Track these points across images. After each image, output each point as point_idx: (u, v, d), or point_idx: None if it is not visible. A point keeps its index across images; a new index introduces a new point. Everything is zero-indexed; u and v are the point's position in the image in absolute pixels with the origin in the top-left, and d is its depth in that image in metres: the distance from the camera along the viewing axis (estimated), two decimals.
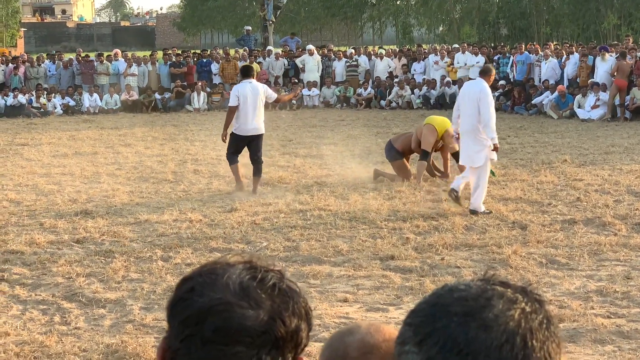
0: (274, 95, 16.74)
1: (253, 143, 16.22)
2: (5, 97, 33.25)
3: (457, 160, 15.36)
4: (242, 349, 1.83)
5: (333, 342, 2.15)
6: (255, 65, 35.15)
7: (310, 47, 37.19)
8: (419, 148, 17.02)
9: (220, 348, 1.83)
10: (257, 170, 16.20)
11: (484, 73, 14.12)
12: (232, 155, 16.24)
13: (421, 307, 1.53)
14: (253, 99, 15.99)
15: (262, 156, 16.41)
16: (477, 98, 13.59)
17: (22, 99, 32.96)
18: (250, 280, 1.89)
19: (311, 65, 35.70)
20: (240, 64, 35.33)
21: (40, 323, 8.94)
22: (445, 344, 1.45)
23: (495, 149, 13.74)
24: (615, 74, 28.39)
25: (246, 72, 16.64)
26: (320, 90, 35.19)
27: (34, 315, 9.18)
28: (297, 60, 36.09)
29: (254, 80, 16.42)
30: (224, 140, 16.55)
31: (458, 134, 14.49)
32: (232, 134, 16.19)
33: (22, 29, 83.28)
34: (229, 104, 16.41)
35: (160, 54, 37.83)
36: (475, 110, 13.60)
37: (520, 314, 1.48)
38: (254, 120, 16.07)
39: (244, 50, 37.58)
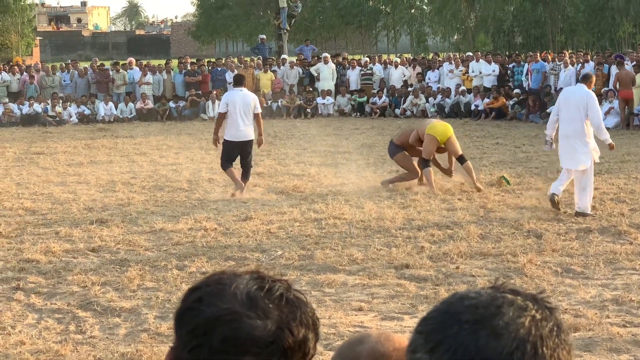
0: (259, 110, 17.00)
1: (244, 149, 16.75)
2: (21, 105, 33.39)
3: (461, 163, 16.61)
4: (251, 359, 1.84)
5: (343, 351, 2.15)
6: (269, 74, 35.34)
7: (325, 55, 37.24)
8: (418, 143, 17.02)
9: (228, 358, 1.84)
10: (245, 173, 16.88)
11: (585, 79, 14.57)
12: (226, 163, 16.81)
13: (432, 315, 1.54)
14: (243, 107, 16.50)
15: (253, 162, 17.26)
16: (585, 103, 13.94)
17: (38, 107, 33.10)
18: (257, 290, 1.90)
19: (326, 73, 35.73)
20: (256, 72, 35.51)
21: (56, 332, 8.95)
22: (456, 351, 1.46)
23: (612, 147, 14.74)
24: (617, 86, 28.35)
25: (238, 81, 17.32)
26: (335, 98, 35.20)
27: (50, 324, 9.20)
28: (312, 69, 36.13)
29: (245, 89, 17.02)
30: (215, 145, 17.31)
31: (551, 140, 14.93)
32: (225, 141, 16.73)
33: (38, 38, 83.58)
34: (218, 111, 17.33)
35: (175, 62, 37.90)
36: (581, 115, 13.96)
37: (531, 322, 1.48)
38: (244, 126, 16.57)
39: (258, 59, 37.62)
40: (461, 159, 16.84)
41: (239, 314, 1.84)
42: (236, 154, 16.80)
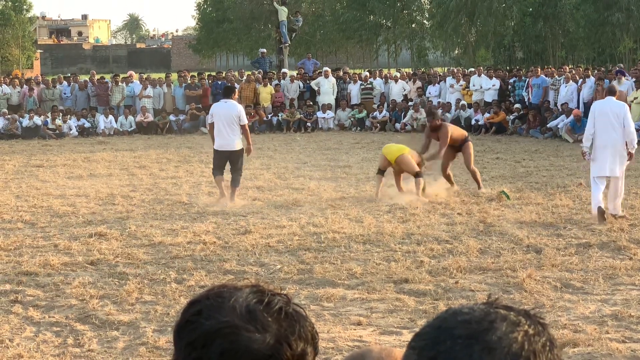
0: (244, 122, 17.38)
1: (232, 158, 17.35)
2: (21, 118, 33.41)
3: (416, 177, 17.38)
4: None
5: None
6: (269, 88, 35.38)
7: (326, 69, 37.30)
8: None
9: None
10: (234, 180, 17.42)
11: (612, 92, 15.50)
12: (215, 170, 17.60)
13: (425, 331, 1.54)
14: (226, 118, 17.09)
15: (243, 170, 17.84)
16: (623, 114, 14.98)
17: (38, 120, 33.11)
18: (257, 304, 1.89)
19: (326, 87, 35.78)
20: (257, 86, 35.56)
21: (54, 345, 8.94)
22: None
23: (632, 157, 15.25)
24: None
25: (226, 92, 17.90)
26: (335, 113, 35.22)
27: (47, 337, 9.18)
28: (312, 83, 36.18)
29: (230, 100, 17.44)
30: None
31: (589, 151, 15.39)
32: (213, 150, 17.56)
33: (39, 51, 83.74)
34: (207, 122, 18.32)
35: (175, 76, 37.94)
36: (618, 125, 14.91)
37: (524, 336, 1.49)
38: (228, 136, 17.16)
39: (258, 73, 37.67)
40: (417, 174, 17.54)
41: (237, 327, 1.84)
42: (224, 162, 17.46)
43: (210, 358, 1.83)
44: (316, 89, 36.00)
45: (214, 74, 39.40)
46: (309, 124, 34.31)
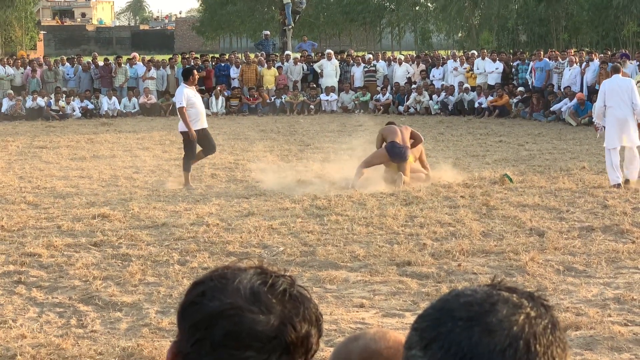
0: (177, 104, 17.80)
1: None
2: (24, 99, 33.42)
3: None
4: (253, 354, 1.83)
5: (339, 348, 2.16)
6: (273, 70, 35.34)
7: (329, 51, 37.24)
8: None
9: (230, 352, 1.83)
10: None
11: (618, 70, 17.01)
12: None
13: (428, 312, 1.54)
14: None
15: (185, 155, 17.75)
16: (630, 90, 16.41)
17: (41, 101, 33.10)
18: (261, 285, 1.90)
19: (329, 70, 35.73)
20: (259, 68, 35.53)
21: (57, 326, 8.96)
22: (450, 348, 1.46)
23: None
24: None
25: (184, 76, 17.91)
26: (339, 95, 35.19)
27: (51, 318, 9.20)
28: (315, 65, 36.14)
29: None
30: None
31: (602, 126, 17.00)
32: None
33: (42, 32, 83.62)
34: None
35: (179, 57, 37.87)
36: (628, 100, 16.36)
37: (525, 319, 1.49)
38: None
39: (261, 55, 37.61)
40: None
41: (241, 308, 1.84)
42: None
43: (214, 339, 1.84)
44: (319, 71, 35.96)
45: (217, 56, 39.35)
46: (312, 107, 34.29)
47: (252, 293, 1.87)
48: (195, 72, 17.98)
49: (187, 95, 17.17)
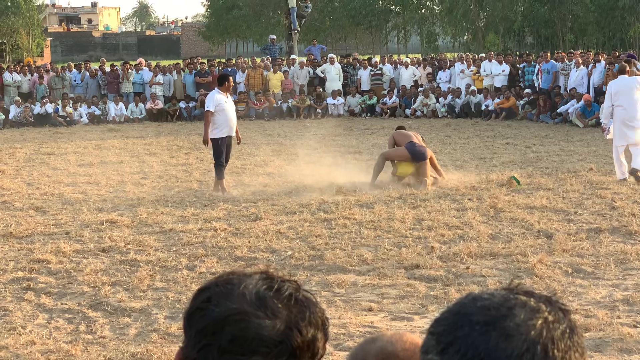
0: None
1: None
2: (32, 105, 33.50)
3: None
4: (259, 359, 1.84)
5: (356, 350, 2.16)
6: (279, 75, 35.36)
7: (331, 56, 37.23)
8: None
9: (237, 358, 1.84)
10: None
11: (623, 71, 17.55)
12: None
13: (444, 316, 1.54)
14: None
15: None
16: (637, 88, 16.98)
17: (49, 108, 33.17)
18: (266, 290, 1.90)
19: (333, 74, 35.75)
20: (265, 73, 35.54)
21: (66, 332, 8.97)
22: (466, 352, 1.46)
23: None
24: None
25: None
26: (345, 99, 35.19)
27: (60, 324, 9.21)
28: (318, 70, 36.13)
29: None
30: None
31: (604, 127, 17.93)
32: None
33: (49, 39, 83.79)
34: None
35: (186, 62, 37.85)
36: (638, 98, 16.97)
37: (543, 323, 1.48)
38: None
39: (267, 59, 37.63)
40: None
41: (247, 313, 1.85)
42: None
43: (220, 345, 1.84)
44: (322, 75, 35.95)
45: (223, 60, 39.37)
46: (319, 111, 34.31)
47: (258, 298, 1.87)
48: (230, 78, 17.75)
49: (218, 101, 16.93)
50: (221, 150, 17.15)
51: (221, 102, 16.97)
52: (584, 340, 1.53)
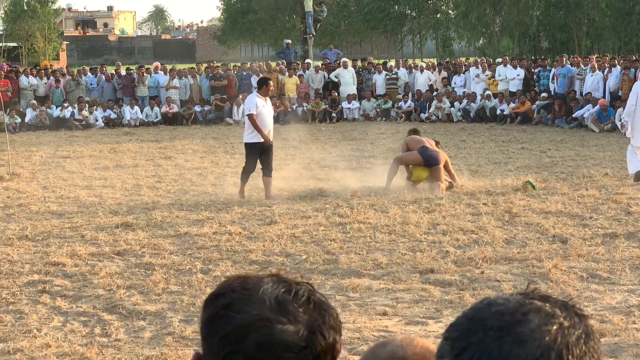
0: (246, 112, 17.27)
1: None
2: (48, 109, 33.64)
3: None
4: None
5: (367, 354, 2.16)
6: (294, 79, 35.37)
7: (345, 60, 37.24)
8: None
9: None
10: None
11: None
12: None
13: (459, 321, 1.53)
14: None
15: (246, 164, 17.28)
16: None
17: (66, 111, 33.31)
18: (285, 294, 1.89)
19: (347, 78, 35.76)
20: (280, 77, 35.55)
21: (81, 335, 8.99)
22: (480, 358, 1.45)
23: None
24: None
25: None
26: (360, 103, 35.19)
27: (75, 327, 9.23)
28: (332, 74, 36.14)
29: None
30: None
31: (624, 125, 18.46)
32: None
33: (65, 42, 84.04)
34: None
35: (203, 67, 37.86)
36: None
37: (558, 329, 1.47)
38: None
39: (282, 63, 37.66)
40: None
41: (269, 320, 1.84)
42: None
43: (245, 352, 1.83)
44: (336, 80, 35.96)
45: (239, 64, 39.43)
46: (334, 115, 34.32)
47: (278, 303, 1.87)
48: (270, 82, 17.41)
49: (257, 104, 16.75)
50: (254, 155, 16.99)
51: (259, 106, 16.78)
52: (600, 346, 1.52)
